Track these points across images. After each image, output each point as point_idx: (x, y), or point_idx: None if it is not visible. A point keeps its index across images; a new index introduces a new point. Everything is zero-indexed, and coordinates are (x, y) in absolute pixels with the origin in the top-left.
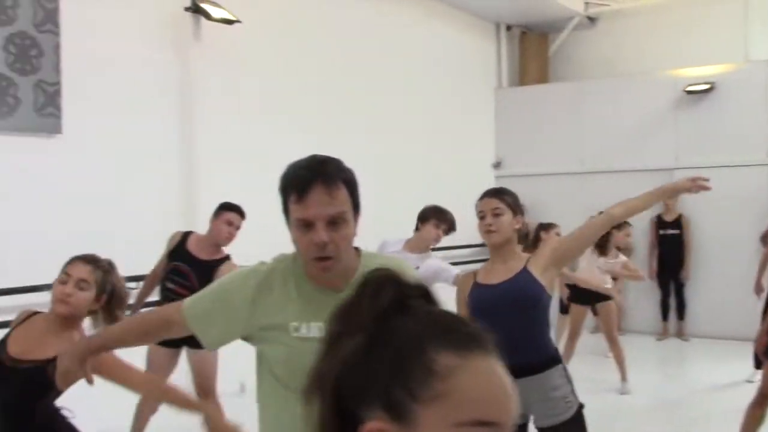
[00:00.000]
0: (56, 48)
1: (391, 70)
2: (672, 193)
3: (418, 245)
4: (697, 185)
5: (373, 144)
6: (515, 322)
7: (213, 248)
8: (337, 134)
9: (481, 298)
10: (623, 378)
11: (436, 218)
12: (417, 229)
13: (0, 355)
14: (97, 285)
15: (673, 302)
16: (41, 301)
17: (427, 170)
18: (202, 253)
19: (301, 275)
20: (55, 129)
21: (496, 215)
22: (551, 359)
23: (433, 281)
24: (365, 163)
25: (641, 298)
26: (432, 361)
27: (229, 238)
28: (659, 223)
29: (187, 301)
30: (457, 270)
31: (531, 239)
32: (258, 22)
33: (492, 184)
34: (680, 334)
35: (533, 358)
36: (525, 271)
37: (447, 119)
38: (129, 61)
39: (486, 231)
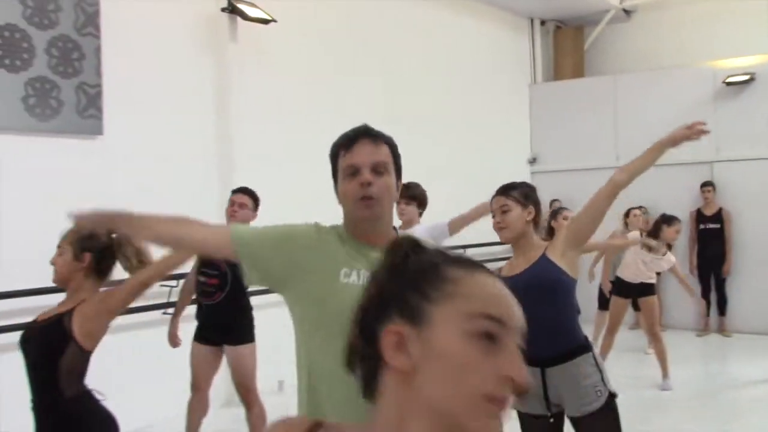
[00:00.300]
0: (97, 50)
1: (425, 68)
2: (671, 143)
3: (403, 225)
4: (695, 131)
5: (408, 141)
6: (542, 311)
7: None
8: None
9: None
10: (665, 375)
11: (400, 196)
12: None
13: (30, 324)
14: (71, 246)
15: (713, 297)
16: None
17: (462, 167)
18: None
19: (347, 235)
20: (96, 130)
21: (504, 212)
22: (581, 347)
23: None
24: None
25: (681, 294)
26: (443, 272)
27: (233, 215)
28: (699, 217)
29: (237, 226)
30: (447, 219)
31: (546, 231)
32: (293, 22)
33: (528, 179)
34: (721, 330)
35: (562, 345)
36: (544, 258)
37: (482, 115)
38: (167, 62)
39: (497, 229)
